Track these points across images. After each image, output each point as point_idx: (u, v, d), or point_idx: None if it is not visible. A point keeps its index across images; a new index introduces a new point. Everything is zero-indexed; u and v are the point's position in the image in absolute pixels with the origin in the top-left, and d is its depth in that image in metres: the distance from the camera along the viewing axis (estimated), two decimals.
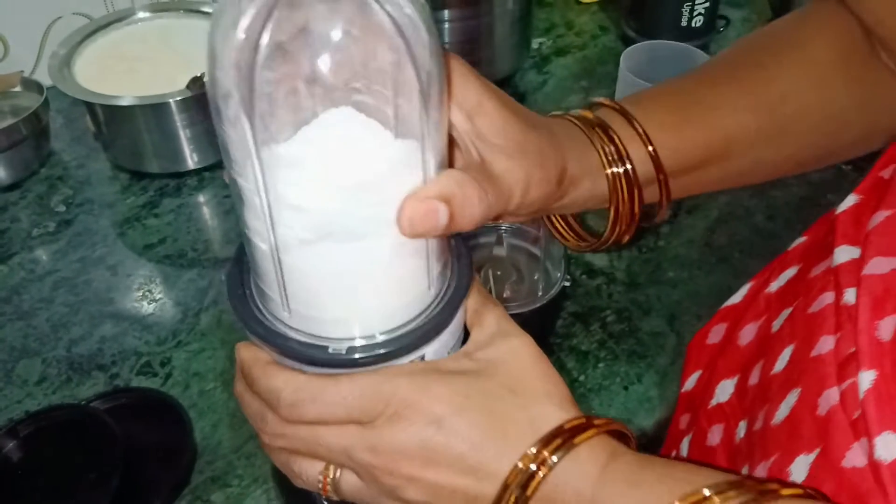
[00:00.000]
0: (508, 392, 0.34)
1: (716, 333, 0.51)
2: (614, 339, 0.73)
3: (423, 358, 0.36)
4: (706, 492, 0.29)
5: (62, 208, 0.86)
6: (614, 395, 0.68)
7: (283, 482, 0.59)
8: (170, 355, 0.71)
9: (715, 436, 0.43)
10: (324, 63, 0.27)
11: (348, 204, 0.30)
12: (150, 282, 0.78)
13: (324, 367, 0.34)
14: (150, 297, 0.77)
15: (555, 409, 0.33)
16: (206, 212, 0.86)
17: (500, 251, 0.73)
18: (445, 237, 0.35)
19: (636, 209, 0.42)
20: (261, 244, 0.32)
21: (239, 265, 0.37)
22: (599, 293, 0.77)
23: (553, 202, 0.40)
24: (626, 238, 0.45)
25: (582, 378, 0.70)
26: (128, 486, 0.58)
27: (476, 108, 0.35)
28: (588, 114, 0.42)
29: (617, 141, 0.41)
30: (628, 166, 0.41)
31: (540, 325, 0.71)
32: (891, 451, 0.29)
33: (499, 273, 0.72)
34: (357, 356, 0.34)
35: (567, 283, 0.70)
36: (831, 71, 0.45)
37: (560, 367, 0.66)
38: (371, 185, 0.30)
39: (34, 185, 0.89)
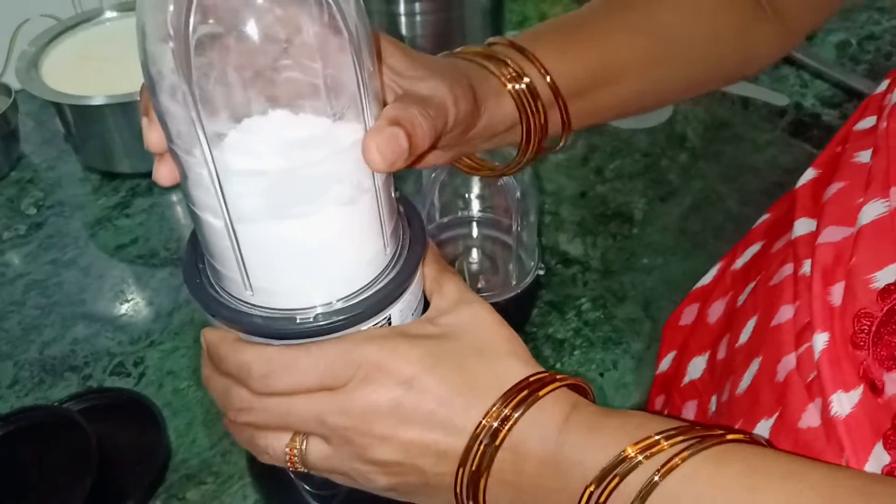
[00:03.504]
0: (475, 352, 0.34)
1: (688, 314, 0.52)
2: (590, 326, 0.73)
3: (389, 321, 0.36)
4: (657, 437, 0.31)
5: (33, 211, 0.85)
6: (591, 381, 0.68)
7: (260, 475, 0.58)
8: (143, 355, 0.70)
9: (689, 412, 0.44)
10: (254, 28, 0.28)
11: (296, 161, 0.30)
12: (123, 282, 0.77)
13: (293, 339, 0.34)
14: (122, 298, 0.76)
15: (520, 365, 0.34)
16: (178, 211, 0.86)
17: (473, 242, 0.73)
18: (392, 200, 0.36)
19: (544, 121, 0.44)
20: (213, 220, 0.32)
21: (193, 252, 0.37)
22: (574, 281, 0.77)
23: (471, 127, 0.42)
24: (541, 151, 0.47)
25: (558, 366, 0.70)
26: (102, 485, 0.58)
27: (384, 52, 0.37)
28: (480, 49, 0.45)
29: (511, 64, 0.43)
30: (527, 80, 0.43)
31: (515, 314, 0.71)
32: (844, 407, 0.30)
33: (472, 263, 0.72)
34: (324, 323, 0.34)
35: (541, 272, 0.70)
36: (712, 2, 0.49)
37: (536, 356, 0.66)
38: (316, 142, 0.30)
39: (4, 188, 0.88)
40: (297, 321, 0.34)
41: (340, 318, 0.34)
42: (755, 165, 0.90)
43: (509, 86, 0.43)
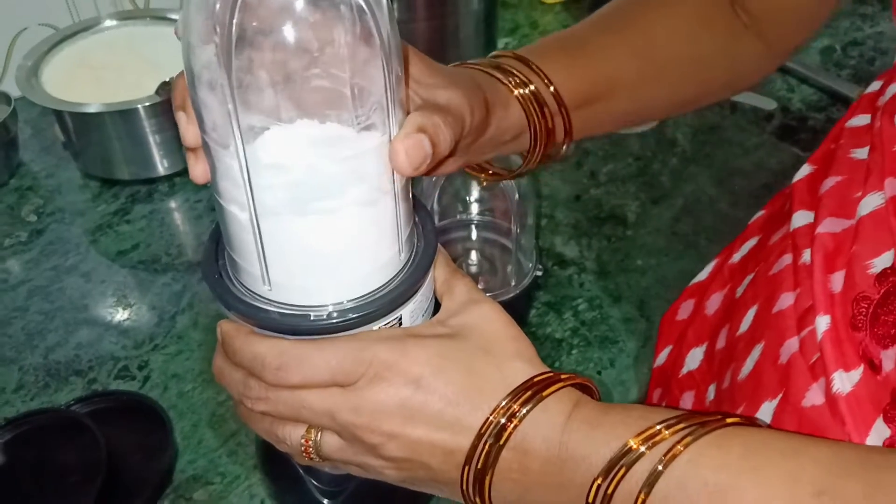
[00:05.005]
0: (482, 353, 0.35)
1: (685, 309, 0.53)
2: (587, 326, 0.74)
3: (399, 321, 0.37)
4: (658, 426, 0.32)
5: (33, 218, 0.86)
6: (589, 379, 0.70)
7: (270, 473, 0.59)
8: (147, 359, 0.71)
9: (686, 402, 0.45)
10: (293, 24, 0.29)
11: (322, 159, 0.32)
12: (125, 287, 0.78)
13: (305, 335, 0.35)
14: (125, 303, 0.77)
15: (525, 366, 0.35)
16: (178, 217, 0.87)
17: (473, 244, 0.74)
18: (409, 206, 0.37)
19: (550, 125, 0.46)
20: (238, 213, 0.33)
21: (214, 245, 0.38)
22: (571, 282, 0.78)
23: (482, 135, 0.43)
24: (545, 159, 0.49)
25: (557, 365, 0.71)
26: (111, 487, 0.58)
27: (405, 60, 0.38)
28: (487, 60, 0.47)
29: (517, 73, 0.45)
30: (532, 87, 0.45)
31: (513, 315, 0.71)
32: (845, 385, 0.32)
33: (472, 265, 0.74)
34: (337, 321, 0.35)
35: (539, 273, 0.71)
36: (696, 23, 0.51)
37: None
38: (343, 140, 0.32)
39: (4, 195, 0.88)
40: (311, 318, 0.35)
41: (352, 316, 0.35)
42: (744, 168, 0.92)
43: (517, 92, 0.45)
